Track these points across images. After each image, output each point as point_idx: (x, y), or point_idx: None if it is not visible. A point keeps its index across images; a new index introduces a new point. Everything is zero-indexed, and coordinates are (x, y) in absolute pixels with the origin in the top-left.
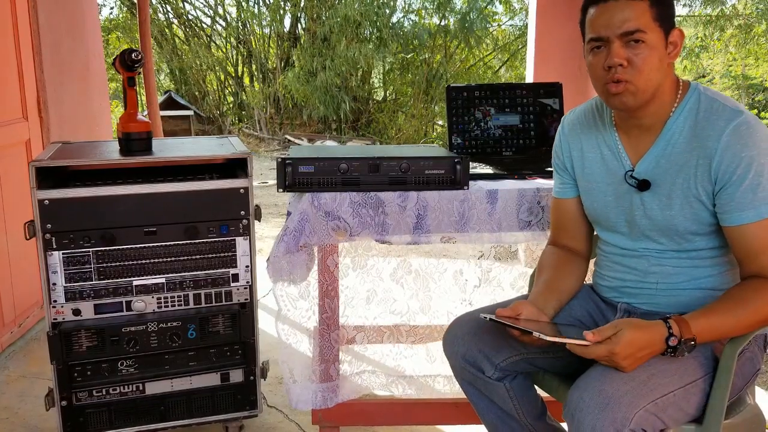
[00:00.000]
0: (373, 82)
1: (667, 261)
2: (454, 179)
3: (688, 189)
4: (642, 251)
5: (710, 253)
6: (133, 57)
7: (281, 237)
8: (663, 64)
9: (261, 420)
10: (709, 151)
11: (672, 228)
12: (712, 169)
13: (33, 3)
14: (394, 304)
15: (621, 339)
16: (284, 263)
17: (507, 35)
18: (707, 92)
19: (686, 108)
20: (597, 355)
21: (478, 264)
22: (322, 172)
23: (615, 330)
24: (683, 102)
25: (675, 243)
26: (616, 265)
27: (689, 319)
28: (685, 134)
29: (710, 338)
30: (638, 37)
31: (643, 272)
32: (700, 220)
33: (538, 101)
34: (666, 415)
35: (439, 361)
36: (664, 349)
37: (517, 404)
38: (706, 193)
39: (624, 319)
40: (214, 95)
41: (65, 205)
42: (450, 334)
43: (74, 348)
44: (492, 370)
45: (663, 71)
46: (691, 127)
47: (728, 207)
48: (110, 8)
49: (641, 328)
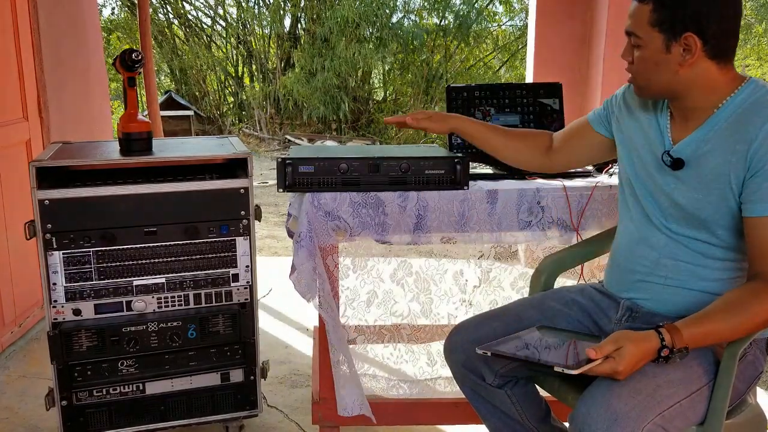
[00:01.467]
0: (373, 82)
1: (680, 254)
2: (454, 179)
3: (721, 173)
4: (658, 239)
5: (724, 254)
6: (134, 57)
7: (299, 243)
8: (668, 68)
9: (261, 420)
10: (749, 135)
11: (695, 214)
12: (749, 154)
13: (33, 3)
14: (395, 305)
15: (624, 356)
16: (309, 267)
17: (507, 35)
18: (765, 85)
19: (737, 99)
20: (599, 373)
21: (478, 264)
22: (322, 172)
23: (616, 345)
24: (736, 93)
25: (694, 232)
26: (629, 255)
27: (682, 327)
28: (730, 121)
29: (704, 344)
30: (634, 41)
31: (654, 263)
32: (724, 209)
33: (538, 101)
34: (672, 425)
35: (439, 364)
36: (657, 357)
37: (520, 409)
38: (737, 179)
39: (621, 332)
40: (215, 95)
41: (65, 205)
42: (450, 342)
43: (74, 348)
44: (492, 377)
45: (670, 74)
46: (738, 115)
47: (753, 197)
48: (110, 8)
49: (638, 342)
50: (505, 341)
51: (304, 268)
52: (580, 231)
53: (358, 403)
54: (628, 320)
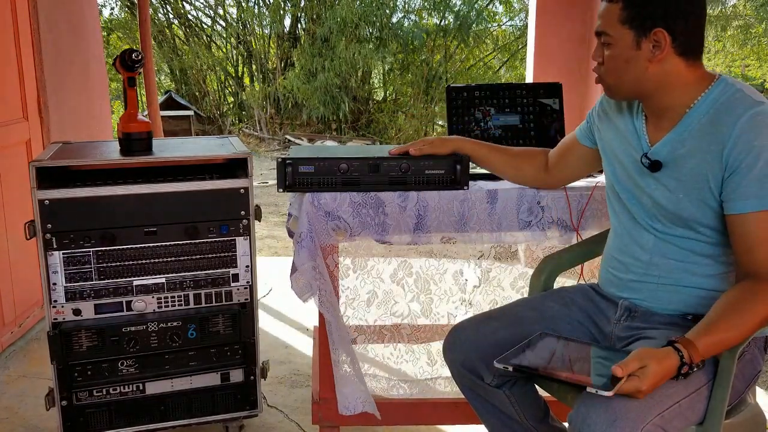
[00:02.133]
0: (373, 82)
1: (670, 252)
2: (454, 179)
3: (698, 173)
4: (647, 239)
5: (713, 250)
6: (134, 57)
7: (300, 243)
8: (638, 65)
9: (261, 420)
10: (723, 136)
11: (677, 214)
12: (724, 154)
13: (33, 3)
14: (395, 305)
15: (647, 375)
16: (309, 267)
17: (507, 35)
18: (734, 83)
19: (710, 98)
20: (622, 392)
21: (478, 264)
22: (322, 172)
23: (640, 364)
24: (708, 92)
25: (680, 230)
26: (623, 256)
27: (695, 339)
28: (703, 121)
29: (715, 353)
30: (604, 40)
31: (646, 264)
32: (706, 208)
33: (538, 101)
34: (672, 425)
35: (439, 364)
36: (677, 375)
37: (519, 409)
38: (714, 179)
39: (644, 350)
40: (215, 95)
41: (65, 205)
42: (449, 342)
43: (74, 348)
44: (491, 377)
45: (640, 71)
46: (711, 115)
47: (733, 195)
48: (110, 8)
49: (661, 361)
50: (518, 352)
51: (305, 267)
52: (580, 231)
53: (362, 400)
54: (627, 320)
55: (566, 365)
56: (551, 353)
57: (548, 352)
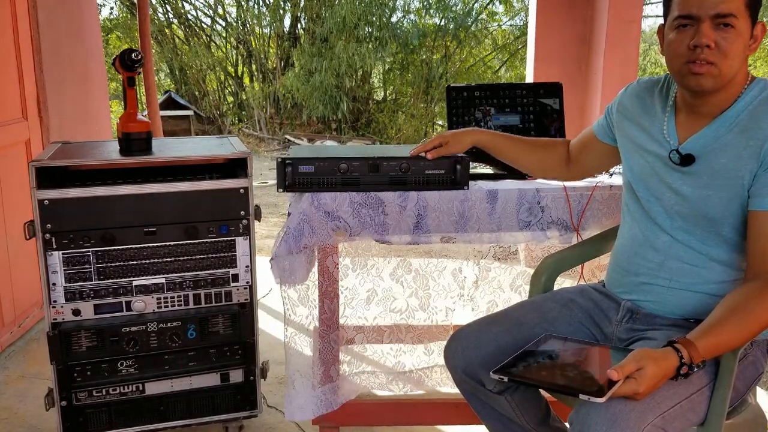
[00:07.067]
0: (372, 82)
1: (685, 256)
2: (454, 179)
3: (731, 169)
4: (663, 241)
5: (729, 255)
6: (133, 57)
7: (283, 237)
8: (745, 54)
9: (261, 420)
10: (762, 132)
11: (702, 211)
12: (763, 149)
13: (33, 3)
14: (394, 302)
15: (645, 377)
16: (286, 264)
17: (507, 35)
18: None
19: (746, 98)
20: (619, 395)
21: (477, 263)
22: (322, 172)
23: (637, 366)
24: (745, 93)
25: (700, 231)
26: (633, 257)
27: (696, 340)
28: (741, 117)
29: (717, 354)
30: (729, 21)
31: (658, 266)
32: (734, 205)
33: (538, 101)
34: (672, 426)
35: (436, 353)
36: (676, 375)
37: (520, 413)
38: (749, 173)
39: (642, 351)
40: (214, 95)
41: (65, 205)
42: (450, 348)
43: (74, 348)
44: (493, 384)
45: (743, 61)
46: (750, 111)
47: (761, 191)
48: (110, 8)
49: (659, 362)
50: (516, 361)
51: (282, 260)
52: (580, 231)
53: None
54: (629, 321)
55: (563, 371)
56: (551, 357)
57: (549, 357)
